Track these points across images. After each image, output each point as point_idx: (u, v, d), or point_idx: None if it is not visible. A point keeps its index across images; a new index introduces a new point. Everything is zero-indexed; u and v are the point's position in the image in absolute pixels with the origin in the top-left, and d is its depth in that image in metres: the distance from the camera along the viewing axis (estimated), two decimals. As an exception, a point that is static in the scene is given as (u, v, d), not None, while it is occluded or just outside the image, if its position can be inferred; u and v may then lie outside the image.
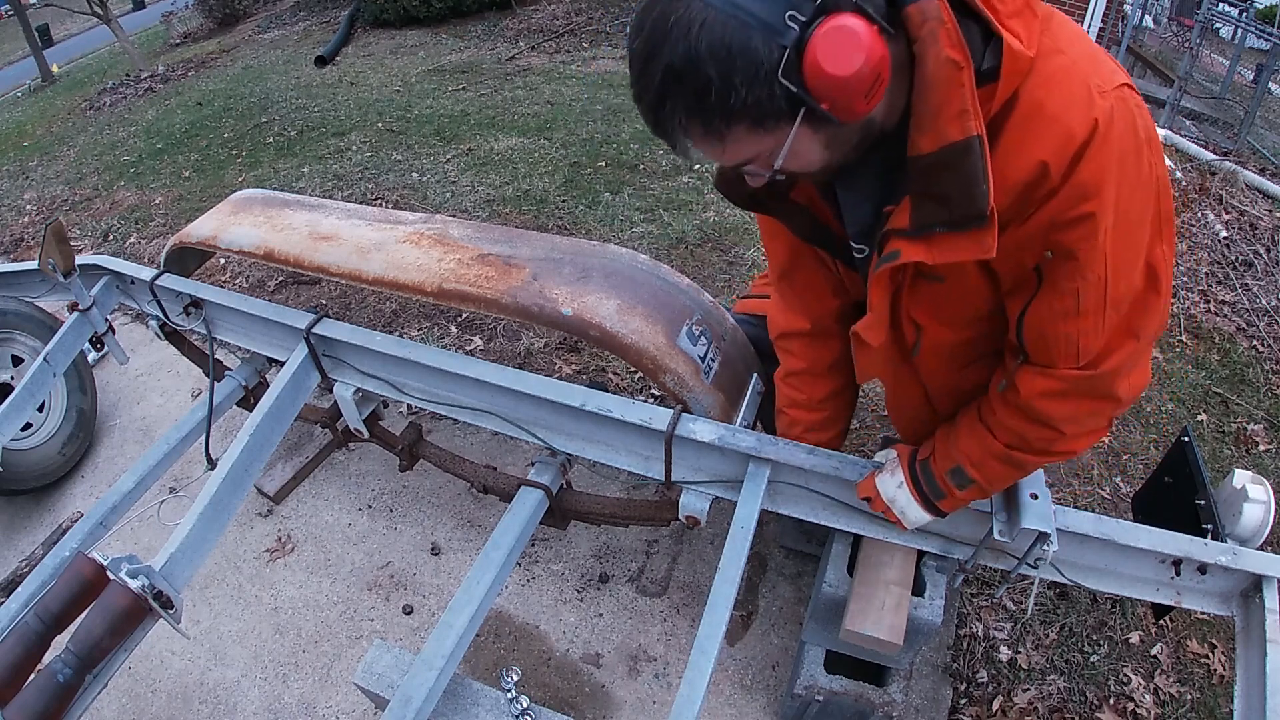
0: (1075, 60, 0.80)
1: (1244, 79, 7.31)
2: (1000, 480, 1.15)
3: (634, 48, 0.76)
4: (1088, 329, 0.90)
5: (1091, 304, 0.88)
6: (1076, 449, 1.06)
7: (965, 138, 0.78)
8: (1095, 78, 0.79)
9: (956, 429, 1.17)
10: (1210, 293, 3.19)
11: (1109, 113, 0.77)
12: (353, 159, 4.82)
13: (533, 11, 7.94)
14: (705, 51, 0.70)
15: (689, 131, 0.78)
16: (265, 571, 2.29)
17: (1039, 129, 0.79)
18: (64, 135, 6.75)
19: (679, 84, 0.73)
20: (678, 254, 3.41)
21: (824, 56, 0.70)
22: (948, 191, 0.82)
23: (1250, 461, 2.46)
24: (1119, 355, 0.93)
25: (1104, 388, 0.96)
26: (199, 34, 10.80)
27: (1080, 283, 0.86)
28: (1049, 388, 0.97)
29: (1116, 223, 0.82)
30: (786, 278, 1.29)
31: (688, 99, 0.74)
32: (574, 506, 1.74)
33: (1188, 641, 1.95)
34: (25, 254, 4.36)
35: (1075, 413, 1.00)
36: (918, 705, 1.83)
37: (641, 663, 1.97)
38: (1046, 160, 0.79)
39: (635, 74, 0.77)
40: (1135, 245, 0.86)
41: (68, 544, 1.69)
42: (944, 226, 0.85)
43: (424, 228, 1.81)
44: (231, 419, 2.63)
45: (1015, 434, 1.06)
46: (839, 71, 0.70)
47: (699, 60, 0.71)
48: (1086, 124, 0.77)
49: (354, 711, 1.93)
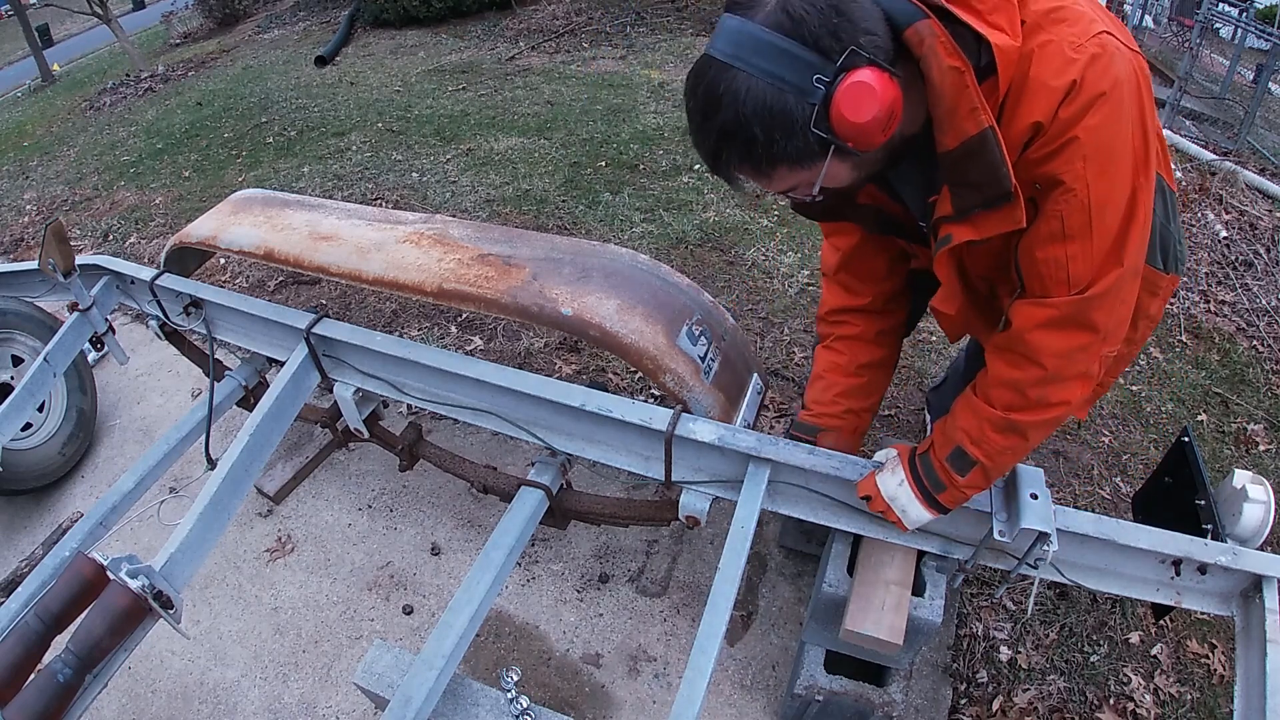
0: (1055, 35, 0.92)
1: (1244, 79, 7.30)
2: (1001, 454, 1.15)
3: (690, 106, 0.95)
4: (1075, 254, 0.99)
5: (1077, 227, 0.97)
6: (1071, 396, 1.09)
7: (979, 131, 0.92)
8: (1069, 38, 0.91)
9: (954, 411, 1.20)
10: (1210, 293, 3.19)
11: (1083, 65, 0.90)
12: (353, 159, 4.82)
13: (533, 11, 7.94)
14: (751, 114, 0.87)
15: (741, 172, 0.96)
16: (265, 571, 2.29)
17: (1030, 98, 0.93)
18: (64, 135, 6.75)
19: (732, 140, 0.91)
20: (678, 254, 3.41)
21: (846, 108, 0.85)
22: (977, 178, 0.96)
23: (1250, 461, 2.46)
24: (1106, 280, 1.00)
25: (1089, 313, 1.02)
26: (199, 34, 10.80)
27: (1064, 206, 0.96)
28: (1042, 316, 1.04)
29: (1096, 152, 0.92)
30: (847, 267, 1.44)
31: (740, 151, 0.92)
32: (574, 506, 1.74)
33: (1188, 641, 1.95)
34: (25, 254, 4.36)
35: (1063, 346, 1.05)
36: (918, 705, 1.83)
37: (641, 663, 1.97)
38: (1040, 120, 0.93)
39: (694, 129, 0.95)
40: (1117, 175, 0.95)
41: (68, 544, 1.69)
42: (980, 207, 1.00)
43: (424, 228, 1.81)
44: (231, 419, 2.63)
45: (1008, 386, 1.10)
46: (859, 119, 0.86)
47: (747, 122, 0.88)
48: (1066, 81, 0.90)
49: (354, 711, 1.93)
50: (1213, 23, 6.58)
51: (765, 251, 3.39)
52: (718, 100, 0.89)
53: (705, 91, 0.91)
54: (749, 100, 0.87)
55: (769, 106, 0.86)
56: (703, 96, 0.91)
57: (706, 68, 0.91)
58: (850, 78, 0.85)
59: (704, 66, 0.91)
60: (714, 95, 0.89)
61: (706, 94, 0.90)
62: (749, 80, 0.86)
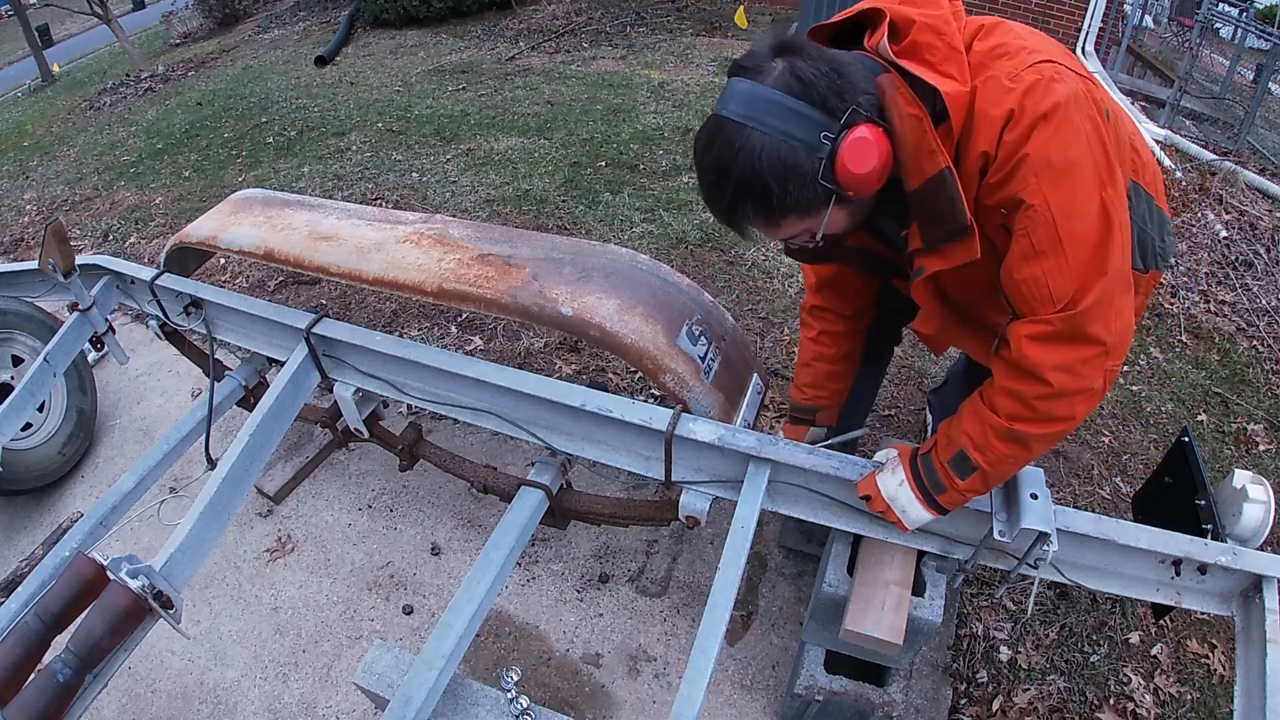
0: (995, 70, 1.00)
1: (1244, 79, 7.30)
2: (1002, 462, 1.15)
3: (705, 164, 1.01)
4: (1051, 269, 1.01)
5: (1045, 242, 1.00)
6: (1076, 412, 1.09)
7: (938, 171, 1.00)
8: (1007, 71, 0.98)
9: (960, 414, 1.20)
10: (1210, 293, 3.19)
11: (1020, 94, 0.96)
12: (353, 159, 4.82)
13: (533, 11, 7.95)
14: (767, 169, 0.96)
15: (754, 223, 1.05)
16: (265, 571, 2.29)
17: (977, 130, 1.00)
18: (64, 135, 6.75)
19: (748, 192, 0.99)
20: (678, 254, 3.41)
21: (850, 161, 0.96)
22: (938, 213, 1.05)
23: (1250, 461, 2.46)
24: (1093, 293, 1.01)
25: (1084, 327, 1.03)
26: (199, 34, 10.80)
27: (1029, 223, 1.00)
28: (1034, 332, 1.06)
29: (1047, 166, 0.97)
30: (829, 286, 1.55)
31: (754, 202, 1.00)
32: (574, 506, 1.74)
33: (1188, 641, 1.95)
34: (25, 254, 4.36)
35: (1064, 360, 1.05)
36: (918, 705, 1.83)
37: (641, 663, 1.97)
38: (985, 149, 1.00)
39: (709, 184, 1.02)
40: (1078, 186, 0.98)
41: (68, 544, 1.69)
42: (944, 240, 1.08)
43: (424, 228, 1.81)
44: (231, 419, 2.63)
45: (1013, 396, 1.10)
46: (861, 170, 0.97)
47: (762, 175, 0.96)
48: (1004, 110, 0.97)
49: (354, 711, 1.93)
50: (1213, 23, 6.58)
51: (765, 251, 3.39)
52: (733, 156, 0.97)
53: (720, 149, 0.98)
54: (764, 156, 0.95)
55: (783, 161, 0.95)
56: (717, 154, 0.98)
57: (720, 128, 0.98)
58: (852, 134, 0.96)
59: (717, 127, 0.99)
60: (729, 152, 0.97)
61: (721, 151, 0.98)
62: (763, 139, 0.95)
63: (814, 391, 1.65)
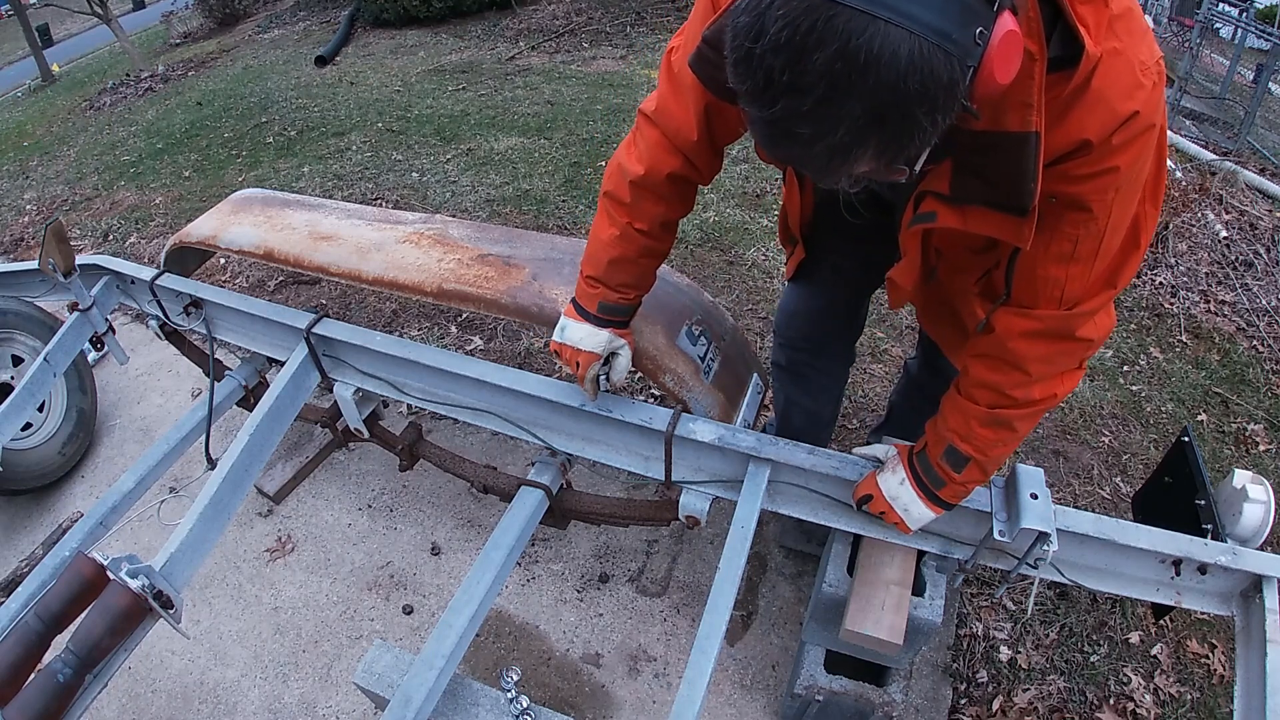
0: (1126, 44, 0.80)
1: (1244, 79, 7.29)
2: (992, 447, 1.15)
3: (795, 81, 0.61)
4: (1076, 275, 0.96)
5: (1085, 252, 0.93)
6: (1055, 391, 1.08)
7: (1024, 131, 0.79)
8: (1141, 58, 0.80)
9: (941, 412, 1.20)
10: (1210, 293, 3.19)
11: (1147, 94, 0.81)
12: (353, 159, 4.82)
13: (533, 11, 7.94)
14: (917, 91, 0.61)
15: (860, 166, 0.69)
16: (265, 571, 2.29)
17: (1091, 112, 0.81)
18: (64, 135, 6.74)
19: (879, 126, 0.63)
20: (678, 254, 3.41)
21: (998, 67, 0.67)
22: (995, 174, 0.85)
23: (1250, 461, 2.46)
24: (1096, 301, 0.99)
25: (1075, 329, 1.01)
26: (199, 34, 10.78)
27: (1082, 231, 0.91)
28: (1026, 327, 1.02)
29: (1129, 184, 0.88)
30: (704, 170, 1.21)
31: (885, 139, 0.65)
32: (574, 506, 1.74)
33: (1188, 641, 1.95)
34: (25, 254, 4.36)
35: (1047, 353, 1.04)
36: (918, 705, 1.83)
37: (641, 663, 1.97)
38: (1090, 138, 0.82)
39: (803, 112, 0.63)
40: (1132, 205, 0.92)
41: (68, 544, 1.68)
42: (983, 204, 0.90)
43: (424, 228, 1.81)
44: (231, 419, 2.63)
45: (990, 388, 1.09)
46: (1007, 79, 0.69)
47: (909, 100, 0.62)
48: (1130, 108, 0.80)
49: (354, 711, 1.93)
50: (1213, 23, 6.58)
51: (765, 251, 3.39)
52: (862, 67, 0.59)
53: (837, 53, 0.59)
54: (917, 65, 0.60)
55: (938, 77, 0.62)
56: (828, 61, 0.60)
57: (829, 16, 0.59)
58: (1000, 27, 0.66)
59: (821, 14, 0.59)
60: (854, 58, 0.59)
61: (839, 56, 0.59)
62: (911, 40, 0.60)
63: (636, 292, 1.37)
